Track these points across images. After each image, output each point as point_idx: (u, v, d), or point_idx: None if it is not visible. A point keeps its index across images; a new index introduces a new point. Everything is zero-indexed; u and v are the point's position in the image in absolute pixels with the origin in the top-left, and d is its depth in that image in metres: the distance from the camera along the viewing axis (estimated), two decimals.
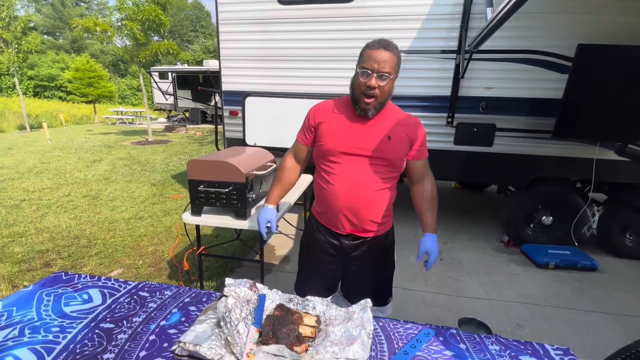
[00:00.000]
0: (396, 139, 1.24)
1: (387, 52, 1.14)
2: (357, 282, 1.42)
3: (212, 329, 0.92)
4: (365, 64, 1.16)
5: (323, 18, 3.16)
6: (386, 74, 1.14)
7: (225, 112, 3.68)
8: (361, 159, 1.23)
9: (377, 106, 1.20)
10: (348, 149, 1.23)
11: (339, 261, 1.39)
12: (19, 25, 10.29)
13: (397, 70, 1.19)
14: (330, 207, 1.30)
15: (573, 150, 2.96)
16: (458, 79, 2.98)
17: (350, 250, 1.35)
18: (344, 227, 1.31)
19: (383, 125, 1.25)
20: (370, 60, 1.14)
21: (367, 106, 1.19)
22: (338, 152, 1.24)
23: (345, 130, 1.25)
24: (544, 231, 3.33)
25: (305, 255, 1.49)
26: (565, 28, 2.70)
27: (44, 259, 2.95)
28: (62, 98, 23.97)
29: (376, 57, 1.14)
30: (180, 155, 7.69)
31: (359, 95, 1.19)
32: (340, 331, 0.94)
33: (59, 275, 1.24)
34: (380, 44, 1.16)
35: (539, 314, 2.33)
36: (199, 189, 1.83)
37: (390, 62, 1.15)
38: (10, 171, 5.87)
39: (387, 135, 1.23)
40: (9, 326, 0.97)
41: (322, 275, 1.43)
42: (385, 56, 1.14)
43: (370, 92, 1.16)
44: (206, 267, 2.77)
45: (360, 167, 1.23)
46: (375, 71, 1.14)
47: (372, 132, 1.24)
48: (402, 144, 1.26)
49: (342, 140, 1.24)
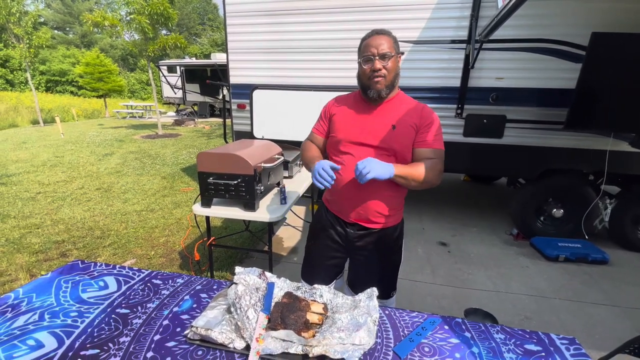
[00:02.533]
0: (401, 128, 1.24)
1: (381, 36, 1.20)
2: (361, 273, 1.44)
3: (222, 315, 0.95)
4: (365, 52, 1.21)
5: (332, 9, 3.14)
6: (387, 52, 1.18)
7: (234, 105, 3.71)
8: (368, 149, 1.25)
9: (389, 85, 1.22)
10: (356, 138, 1.26)
11: (344, 250, 1.41)
12: (29, 21, 10.43)
13: (397, 50, 1.23)
14: (338, 195, 1.34)
15: (585, 142, 2.91)
16: (468, 69, 2.94)
17: (356, 240, 1.36)
18: (350, 216, 1.33)
19: (391, 115, 1.26)
20: (368, 47, 1.20)
21: (378, 86, 1.21)
22: (347, 142, 1.28)
23: (355, 120, 1.29)
24: (554, 224, 3.29)
25: (311, 241, 1.52)
26: (579, 16, 2.63)
27: (60, 249, 3.05)
28: (74, 93, 24.35)
29: (373, 43, 1.20)
30: (189, 149, 7.78)
31: (367, 82, 1.23)
32: (346, 318, 0.96)
33: (76, 264, 1.29)
34: (373, 31, 1.23)
35: (547, 307, 2.32)
36: (209, 181, 1.87)
37: (387, 42, 1.19)
38: (26, 165, 6.03)
39: (393, 125, 1.24)
40: (30, 311, 1.02)
41: (327, 262, 1.45)
42: (381, 39, 1.19)
43: (377, 73, 1.19)
44: (216, 258, 2.83)
45: (368, 155, 1.23)
46: (376, 54, 1.18)
47: (379, 121, 1.26)
48: (408, 133, 1.25)
49: (350, 131, 1.28)
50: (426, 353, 0.89)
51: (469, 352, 0.90)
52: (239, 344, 0.87)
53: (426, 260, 2.90)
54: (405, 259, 1.55)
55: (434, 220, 3.79)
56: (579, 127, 2.69)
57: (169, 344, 0.90)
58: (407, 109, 1.28)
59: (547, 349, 0.91)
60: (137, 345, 0.90)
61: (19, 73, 22.72)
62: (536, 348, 0.92)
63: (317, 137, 1.43)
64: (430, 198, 4.51)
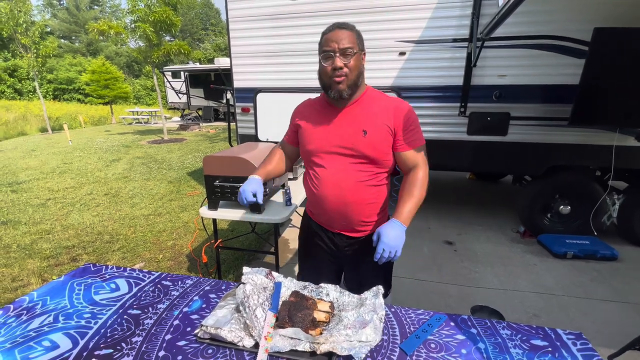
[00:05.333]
0: (374, 133, 1.14)
1: (342, 30, 1.10)
2: (356, 278, 1.39)
3: (231, 314, 0.97)
4: (325, 47, 1.11)
5: (333, 11, 3.16)
6: (348, 49, 1.08)
7: (238, 108, 3.74)
8: (342, 158, 1.17)
9: (351, 84, 1.12)
10: (326, 147, 1.18)
11: (335, 259, 1.37)
12: (36, 31, 10.63)
13: (360, 46, 1.13)
14: (319, 209, 1.27)
15: (591, 137, 2.89)
16: (470, 67, 2.94)
17: (346, 249, 1.32)
18: (335, 228, 1.29)
19: (360, 118, 1.16)
20: (329, 41, 1.10)
21: (340, 86, 1.11)
22: (318, 153, 1.20)
23: (322, 128, 1.20)
24: (561, 221, 3.27)
25: (303, 255, 1.48)
26: (580, 11, 2.62)
27: (71, 254, 3.10)
28: (81, 100, 24.72)
29: (333, 37, 1.10)
30: (195, 153, 7.85)
31: (328, 81, 1.13)
32: (353, 316, 0.97)
33: (88, 267, 1.32)
34: (334, 25, 1.12)
35: (556, 304, 2.31)
36: (215, 184, 1.90)
37: (349, 38, 1.10)
38: (35, 172, 6.13)
39: (363, 130, 1.14)
40: (44, 313, 1.05)
41: (321, 273, 1.39)
42: (342, 34, 1.09)
43: (338, 72, 1.09)
44: (223, 260, 2.85)
45: (342, 167, 1.18)
46: (336, 51, 1.09)
47: (348, 126, 1.16)
48: (382, 137, 1.15)
49: (319, 140, 1.20)
50: (432, 349, 0.90)
51: (475, 348, 0.90)
52: (248, 342, 0.89)
53: (432, 259, 2.89)
54: (411, 258, 1.54)
55: (439, 219, 3.78)
56: (583, 122, 2.67)
57: (179, 343, 0.92)
58: (378, 109, 1.17)
59: (553, 344, 0.91)
60: (149, 344, 0.92)
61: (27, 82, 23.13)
62: (542, 343, 0.92)
63: (287, 145, 1.36)
64: (436, 197, 4.50)
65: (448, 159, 3.30)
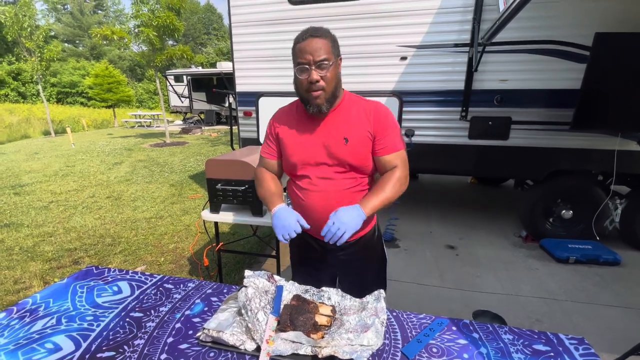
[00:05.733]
0: (354, 140, 1.13)
1: (317, 39, 1.05)
2: (351, 282, 1.39)
3: (233, 317, 0.97)
4: (299, 59, 1.07)
5: (333, 16, 3.19)
6: (324, 61, 1.05)
7: (240, 112, 3.76)
8: (326, 167, 1.16)
9: (329, 98, 1.10)
10: (310, 158, 1.17)
11: (328, 265, 1.37)
12: (40, 35, 10.74)
13: (336, 54, 1.09)
14: (308, 220, 1.20)
15: (593, 142, 2.89)
16: (471, 72, 2.95)
17: (338, 254, 1.32)
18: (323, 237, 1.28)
19: (341, 125, 1.15)
20: (303, 53, 1.05)
21: (318, 101, 1.09)
22: (302, 165, 1.19)
23: (304, 138, 1.18)
24: (563, 225, 3.26)
25: (296, 264, 1.47)
26: (581, 17, 2.63)
27: (73, 256, 3.11)
28: (84, 103, 24.87)
29: (307, 48, 1.04)
30: (197, 156, 7.88)
31: (305, 95, 1.11)
32: (354, 320, 0.97)
33: (90, 270, 1.32)
34: (307, 33, 1.06)
35: (558, 309, 2.29)
36: (217, 187, 1.90)
37: (325, 47, 1.05)
38: (38, 175, 6.16)
39: (344, 137, 1.13)
40: (47, 315, 1.06)
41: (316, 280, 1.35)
42: (317, 44, 1.04)
43: (315, 86, 1.06)
44: (224, 263, 2.85)
45: (328, 176, 1.17)
46: (312, 63, 1.05)
47: (330, 135, 1.15)
48: (362, 143, 1.14)
49: (302, 151, 1.18)
50: (434, 354, 0.90)
51: (477, 353, 0.90)
52: (250, 345, 0.89)
53: (434, 264, 2.88)
54: (413, 262, 1.54)
55: (441, 223, 3.78)
56: (585, 127, 2.67)
57: (181, 346, 0.92)
58: (357, 115, 1.16)
59: (555, 349, 0.91)
60: (151, 347, 0.92)
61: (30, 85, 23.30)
62: (545, 348, 0.92)
63: (269, 161, 1.29)
64: (438, 201, 4.50)
65: (449, 163, 3.30)
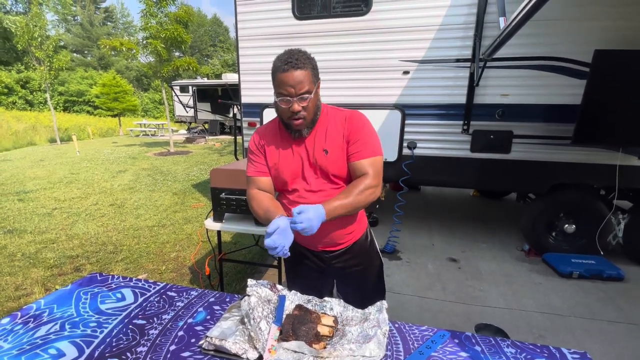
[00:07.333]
0: (333, 150, 1.18)
1: (298, 71, 1.06)
2: (349, 289, 1.42)
3: (236, 326, 0.98)
4: (281, 89, 1.08)
5: (338, 31, 3.26)
6: (305, 94, 1.08)
7: (245, 123, 3.82)
8: (314, 180, 1.21)
9: (309, 124, 1.16)
10: (300, 173, 1.22)
11: (325, 274, 1.39)
12: (50, 45, 10.99)
13: (315, 81, 1.12)
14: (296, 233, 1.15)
15: (594, 156, 2.90)
16: (473, 86, 3.00)
17: (334, 262, 1.34)
18: (317, 247, 1.32)
19: (321, 138, 1.19)
20: (284, 85, 1.07)
21: (299, 127, 1.14)
22: (292, 179, 1.23)
23: (292, 155, 1.22)
24: (566, 240, 3.24)
25: (292, 276, 1.48)
26: (581, 34, 2.69)
27: (74, 264, 3.11)
28: (90, 112, 25.24)
29: (289, 80, 1.06)
30: (200, 166, 7.93)
31: (287, 121, 1.15)
32: (356, 331, 0.97)
33: (94, 276, 1.33)
34: (288, 64, 1.06)
35: (562, 324, 2.27)
36: (221, 197, 1.92)
37: (306, 79, 1.07)
38: (43, 181, 6.21)
39: (324, 149, 1.18)
40: (51, 321, 1.06)
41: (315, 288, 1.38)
42: (298, 76, 1.06)
43: (297, 115, 1.11)
44: (226, 273, 2.84)
45: (316, 188, 1.21)
46: (294, 95, 1.07)
47: (314, 149, 1.19)
48: (340, 151, 1.19)
49: (292, 168, 1.22)
50: None
51: None
52: (252, 354, 0.89)
53: (436, 277, 2.87)
54: (414, 275, 1.54)
55: (443, 236, 3.77)
56: (586, 142, 2.69)
57: (184, 354, 0.92)
58: (333, 125, 1.20)
59: None
60: (154, 355, 0.92)
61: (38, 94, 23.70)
62: None
63: (262, 179, 1.27)
64: (440, 213, 4.49)
65: (451, 175, 3.31)
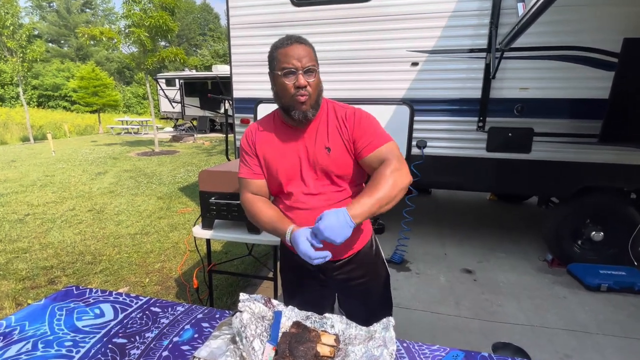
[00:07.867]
0: (336, 148, 1.20)
1: (303, 46, 1.13)
2: (352, 304, 1.41)
3: (227, 345, 0.97)
4: (285, 64, 1.11)
5: (339, 19, 3.27)
6: (311, 66, 1.12)
7: (237, 120, 3.82)
8: (314, 181, 1.21)
9: (314, 104, 1.17)
10: (299, 174, 1.22)
11: (327, 288, 1.38)
12: (23, 34, 11.04)
13: (317, 64, 1.17)
14: None
15: (624, 157, 2.90)
16: (489, 79, 3.00)
17: (335, 273, 1.33)
18: None
19: (322, 134, 1.21)
20: (289, 58, 1.11)
21: (304, 107, 1.14)
22: (290, 180, 1.23)
23: (290, 153, 1.22)
24: (594, 248, 3.23)
25: (290, 292, 1.47)
26: (609, 21, 2.69)
27: (49, 275, 3.11)
28: (67, 108, 25.31)
29: (294, 53, 1.11)
30: (188, 167, 7.94)
31: (290, 101, 1.14)
32: (360, 351, 0.97)
33: (71, 290, 1.33)
34: (292, 39, 1.14)
35: (590, 343, 2.26)
36: (211, 201, 1.92)
37: (309, 55, 1.13)
38: (14, 184, 6.23)
39: (326, 147, 1.19)
40: (22, 340, 1.06)
41: (315, 303, 1.37)
42: (303, 50, 1.12)
43: (302, 92, 1.12)
44: (216, 286, 2.84)
45: (316, 191, 1.21)
46: (300, 68, 1.11)
47: (314, 147, 1.20)
48: (342, 150, 1.20)
49: (290, 168, 1.22)
50: None
51: None
52: None
53: (449, 290, 2.86)
54: (425, 288, 1.54)
55: (457, 244, 3.76)
56: (614, 140, 2.69)
57: None
58: (335, 122, 1.22)
59: None
60: None
61: (10, 88, 23.79)
62: None
63: (257, 182, 1.27)
64: (453, 220, 4.49)
65: (466, 177, 3.31)
